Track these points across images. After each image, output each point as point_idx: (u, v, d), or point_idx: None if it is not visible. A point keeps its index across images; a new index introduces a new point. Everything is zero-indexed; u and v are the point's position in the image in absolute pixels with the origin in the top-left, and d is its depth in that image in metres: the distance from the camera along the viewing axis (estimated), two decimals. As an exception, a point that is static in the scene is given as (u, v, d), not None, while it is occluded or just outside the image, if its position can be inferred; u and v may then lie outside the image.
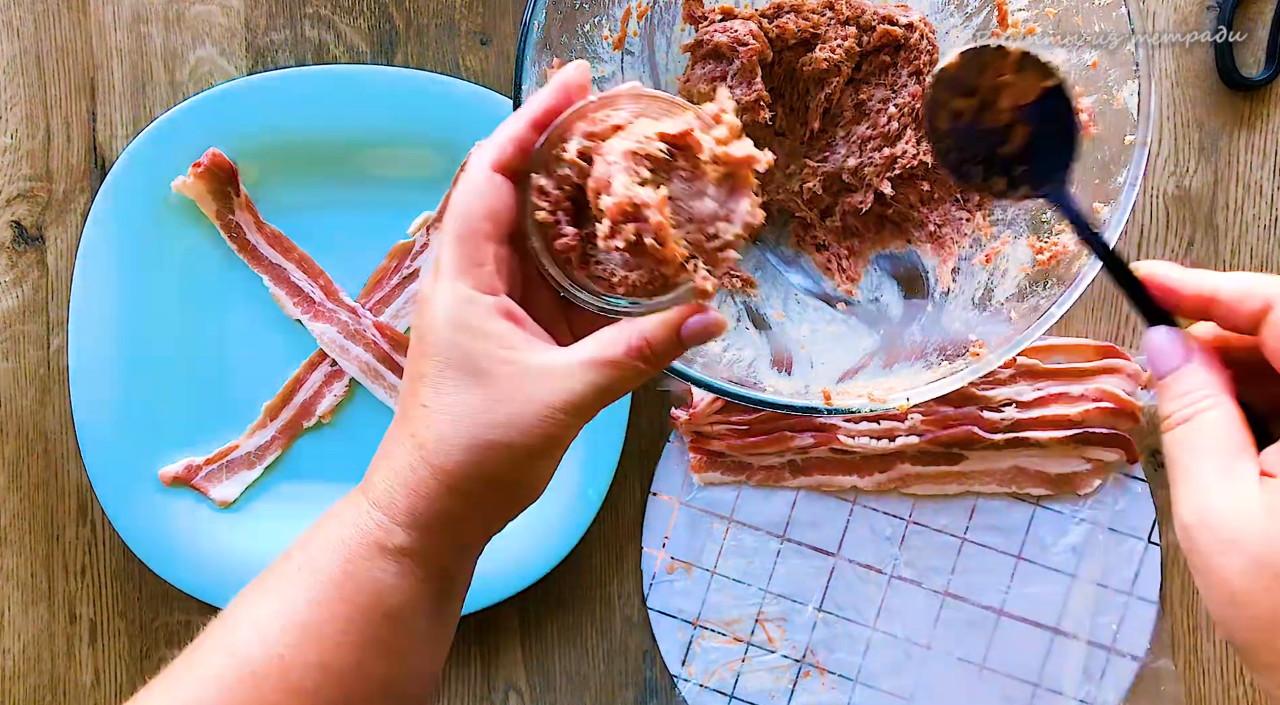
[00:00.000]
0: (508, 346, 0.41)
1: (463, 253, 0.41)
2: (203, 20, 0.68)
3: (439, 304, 0.41)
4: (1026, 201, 0.45)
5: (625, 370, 0.41)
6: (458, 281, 0.41)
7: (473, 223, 0.41)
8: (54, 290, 0.69)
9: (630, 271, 0.42)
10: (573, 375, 0.41)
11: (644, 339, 0.41)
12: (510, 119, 0.43)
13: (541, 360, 0.41)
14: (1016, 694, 0.67)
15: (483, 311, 0.41)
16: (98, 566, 0.69)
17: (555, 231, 0.43)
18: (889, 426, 0.67)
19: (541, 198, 0.43)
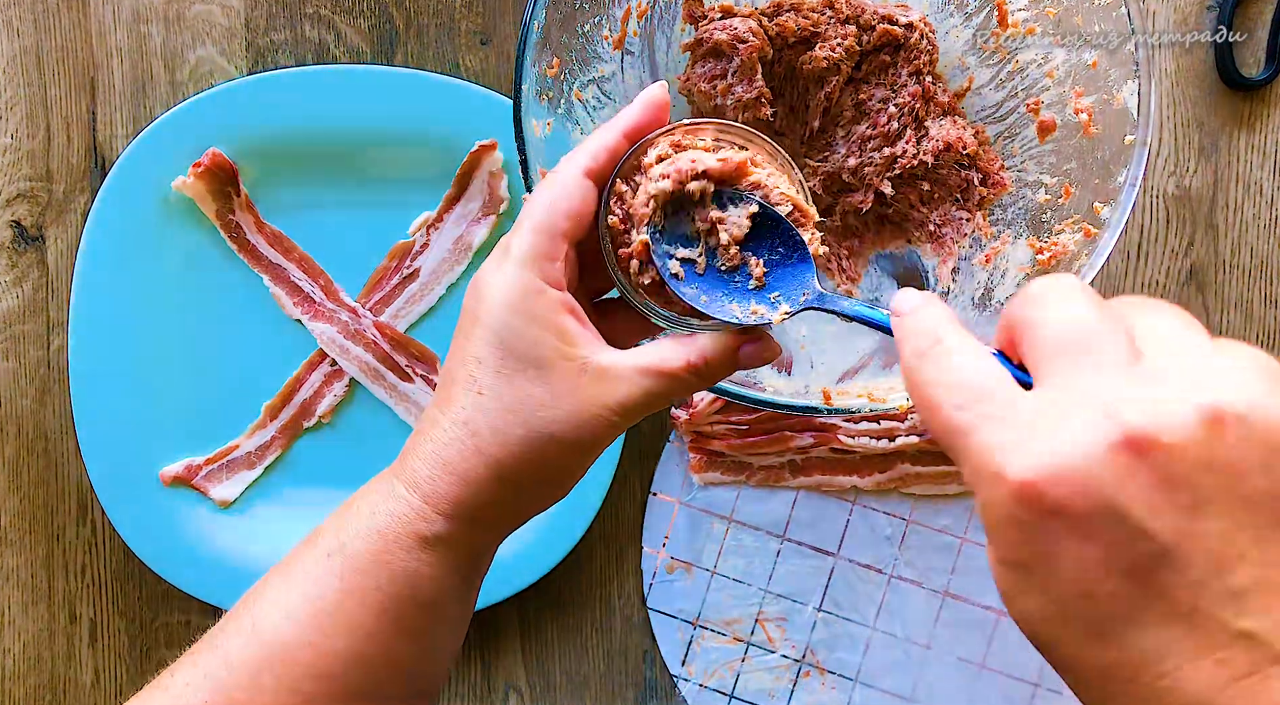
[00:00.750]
0: (572, 342, 0.41)
1: (538, 244, 0.41)
2: (203, 20, 0.68)
3: (506, 288, 0.41)
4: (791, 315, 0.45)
5: (679, 383, 0.42)
6: (529, 271, 0.41)
7: (554, 217, 0.42)
8: (54, 290, 0.69)
9: None
10: (631, 379, 0.41)
11: (703, 357, 0.42)
12: (603, 128, 0.44)
13: (603, 360, 0.41)
14: (1016, 694, 0.67)
15: (552, 304, 0.41)
16: (98, 566, 0.69)
17: (622, 240, 0.44)
18: (889, 426, 0.67)
19: (618, 204, 0.44)
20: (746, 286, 0.46)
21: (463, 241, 0.68)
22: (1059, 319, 0.32)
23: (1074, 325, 0.32)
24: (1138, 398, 0.30)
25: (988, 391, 0.33)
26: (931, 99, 0.61)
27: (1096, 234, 0.54)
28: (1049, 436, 0.30)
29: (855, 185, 0.62)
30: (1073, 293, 0.33)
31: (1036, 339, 0.33)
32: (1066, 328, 0.32)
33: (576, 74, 0.58)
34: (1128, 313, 0.33)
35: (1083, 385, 0.31)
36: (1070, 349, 0.32)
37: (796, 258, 0.46)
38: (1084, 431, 0.30)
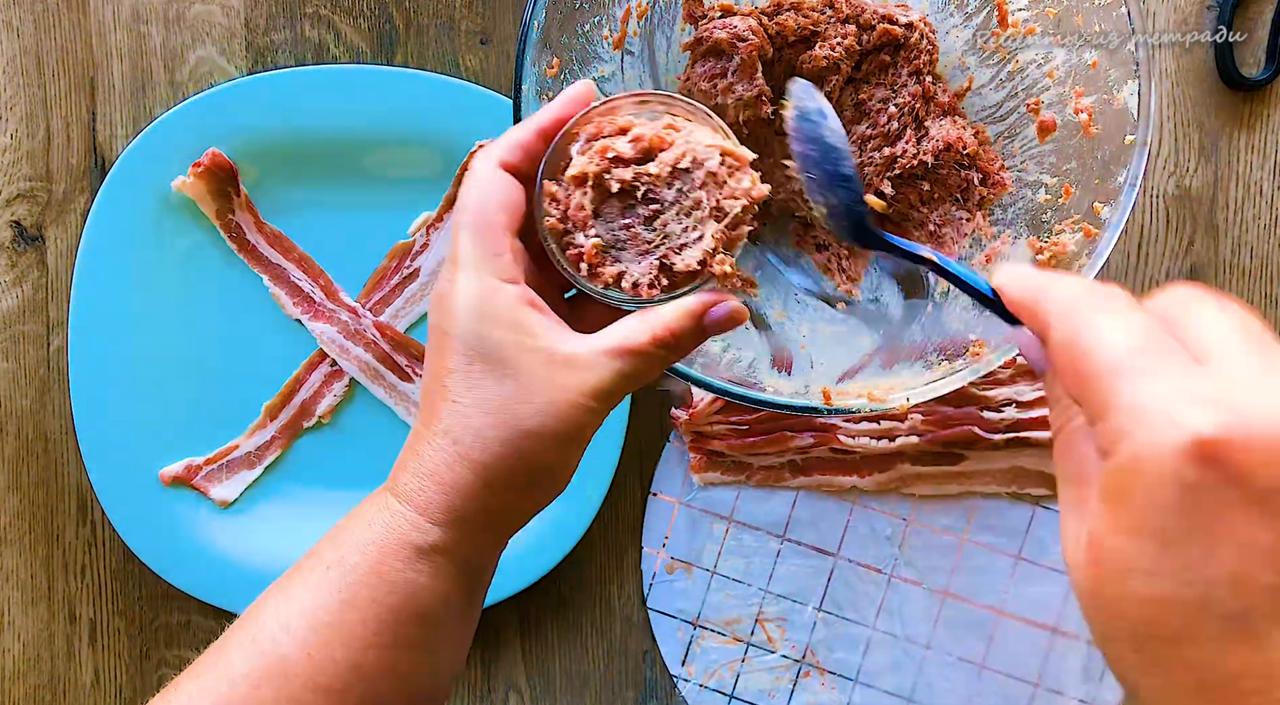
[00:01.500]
0: (533, 335, 0.41)
1: (481, 244, 0.42)
2: (202, 20, 0.68)
3: (462, 296, 0.41)
4: None
5: (648, 359, 0.42)
6: (480, 273, 0.41)
7: (488, 215, 0.42)
8: (54, 290, 0.69)
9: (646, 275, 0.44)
10: (599, 363, 0.41)
11: (666, 328, 0.42)
12: (515, 127, 0.44)
13: (568, 348, 0.41)
14: (1016, 694, 0.67)
15: (507, 300, 0.41)
16: (97, 566, 0.69)
17: (567, 240, 0.44)
18: (889, 426, 0.67)
19: (552, 204, 0.44)
20: None
21: (463, 241, 0.68)
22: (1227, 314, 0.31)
23: (1244, 321, 0.31)
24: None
25: (1165, 344, 0.30)
26: (931, 99, 0.61)
27: (1096, 234, 0.54)
28: (1250, 398, 0.27)
29: (855, 185, 0.62)
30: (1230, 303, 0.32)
31: (1202, 324, 0.30)
32: (1237, 321, 0.30)
33: (576, 74, 0.58)
34: None
35: (1273, 367, 0.29)
36: (1246, 338, 0.30)
37: None
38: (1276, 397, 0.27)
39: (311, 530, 0.65)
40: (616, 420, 0.66)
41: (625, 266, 0.44)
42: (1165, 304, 0.32)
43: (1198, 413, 0.27)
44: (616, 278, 0.44)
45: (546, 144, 0.44)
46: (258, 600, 0.45)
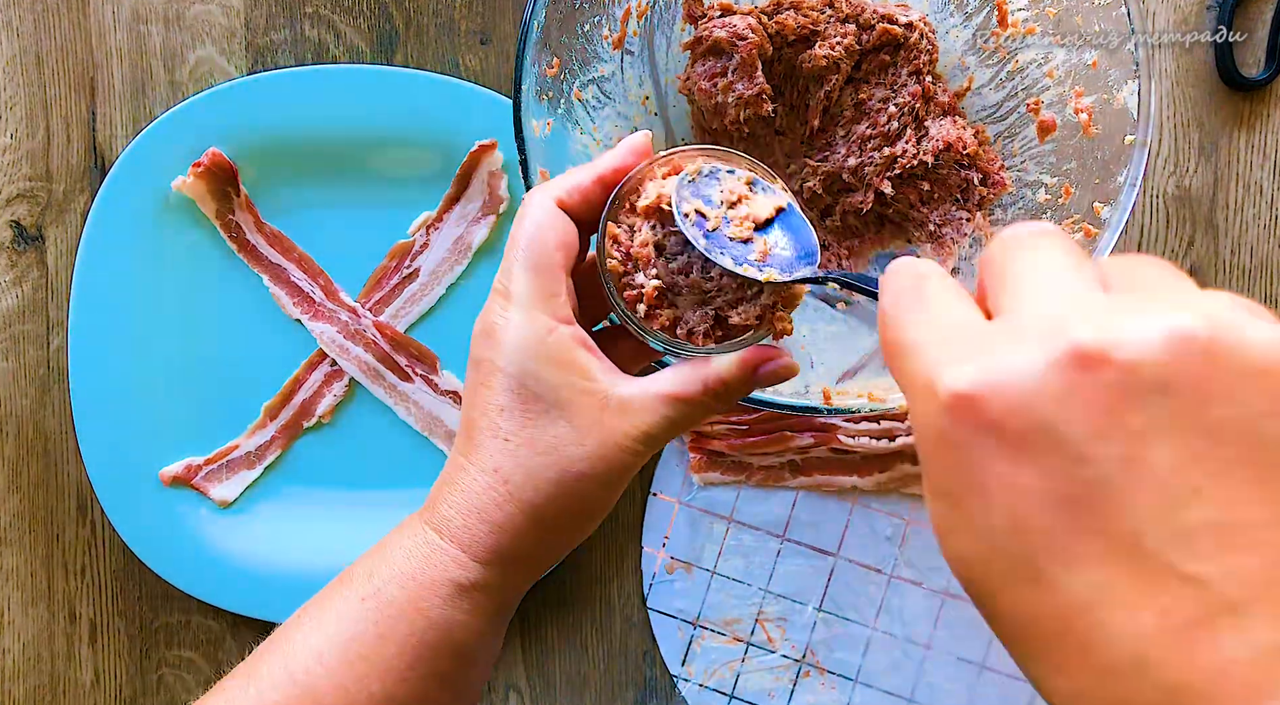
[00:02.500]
0: (588, 377, 0.42)
1: (538, 283, 0.42)
2: (202, 20, 0.68)
3: (518, 333, 0.41)
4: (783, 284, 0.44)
5: (698, 407, 0.42)
6: (537, 312, 0.41)
7: (548, 252, 0.42)
8: (54, 290, 0.69)
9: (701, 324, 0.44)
10: (651, 409, 0.42)
11: (720, 380, 0.42)
12: (575, 170, 0.44)
13: (624, 392, 0.42)
14: (1016, 694, 0.67)
15: (563, 341, 0.41)
16: (97, 566, 0.69)
17: (625, 282, 0.44)
18: (889, 426, 0.67)
19: (615, 247, 0.44)
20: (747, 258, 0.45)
21: (463, 241, 0.68)
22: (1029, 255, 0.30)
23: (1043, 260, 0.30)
24: (1094, 316, 0.27)
25: (950, 315, 0.31)
26: (931, 99, 0.61)
27: (1096, 234, 0.54)
28: (990, 351, 0.28)
29: (855, 185, 0.62)
30: (1049, 234, 0.31)
31: (1000, 275, 0.31)
32: (1034, 263, 0.30)
33: (576, 74, 0.58)
34: (1107, 262, 0.31)
35: (1037, 309, 0.29)
36: (1033, 281, 0.29)
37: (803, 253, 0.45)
38: (1028, 346, 0.27)
39: (311, 530, 0.66)
40: (616, 420, 0.66)
41: (681, 312, 0.44)
42: (990, 249, 0.32)
43: (952, 372, 0.28)
44: (671, 323, 0.44)
45: (604, 191, 0.44)
46: (288, 624, 0.44)
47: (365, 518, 0.67)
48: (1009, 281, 0.30)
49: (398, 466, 0.68)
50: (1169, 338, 0.26)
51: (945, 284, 0.32)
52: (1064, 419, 0.26)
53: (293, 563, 0.66)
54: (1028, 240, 0.31)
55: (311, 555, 0.67)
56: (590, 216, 0.44)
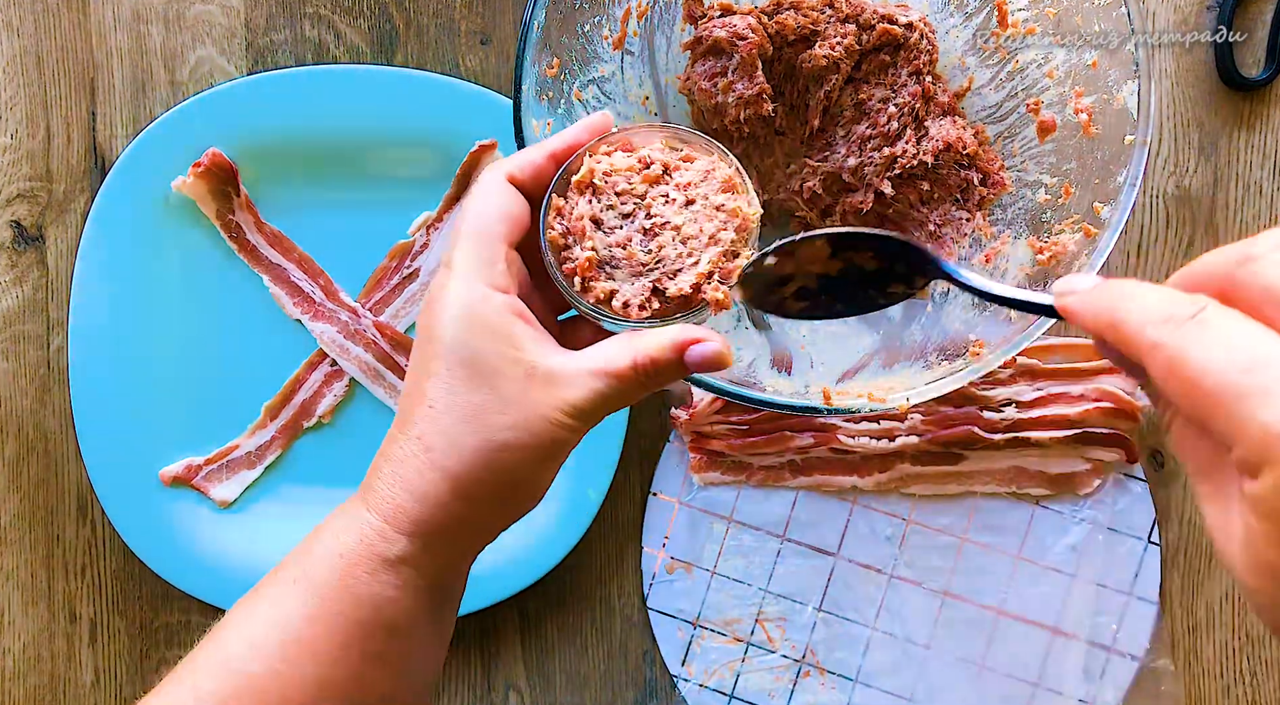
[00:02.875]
0: (517, 346, 0.41)
1: (477, 251, 0.41)
2: (203, 20, 0.68)
3: (452, 301, 0.41)
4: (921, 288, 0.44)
5: (628, 383, 0.41)
6: (472, 279, 0.41)
7: (488, 223, 0.42)
8: (54, 290, 0.69)
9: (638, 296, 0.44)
10: (579, 381, 0.41)
11: (648, 356, 0.41)
12: (529, 148, 0.44)
13: (550, 363, 0.41)
14: (1016, 694, 0.67)
15: (495, 309, 0.41)
16: (98, 566, 0.69)
17: (565, 254, 0.44)
18: (889, 426, 0.67)
19: (556, 218, 0.44)
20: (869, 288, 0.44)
21: (463, 241, 0.68)
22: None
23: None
24: None
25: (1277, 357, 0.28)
26: (931, 99, 0.61)
27: (1096, 234, 0.54)
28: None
29: (855, 185, 0.62)
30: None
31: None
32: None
33: (576, 74, 0.58)
34: None
35: None
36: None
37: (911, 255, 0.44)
38: None
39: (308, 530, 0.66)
40: (616, 420, 0.66)
41: (618, 286, 0.44)
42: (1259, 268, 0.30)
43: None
44: (608, 296, 0.44)
45: (556, 166, 0.44)
46: (224, 617, 0.44)
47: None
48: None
49: (398, 466, 0.68)
50: None
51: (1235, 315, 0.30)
52: None
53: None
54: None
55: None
56: (543, 192, 0.44)
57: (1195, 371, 0.29)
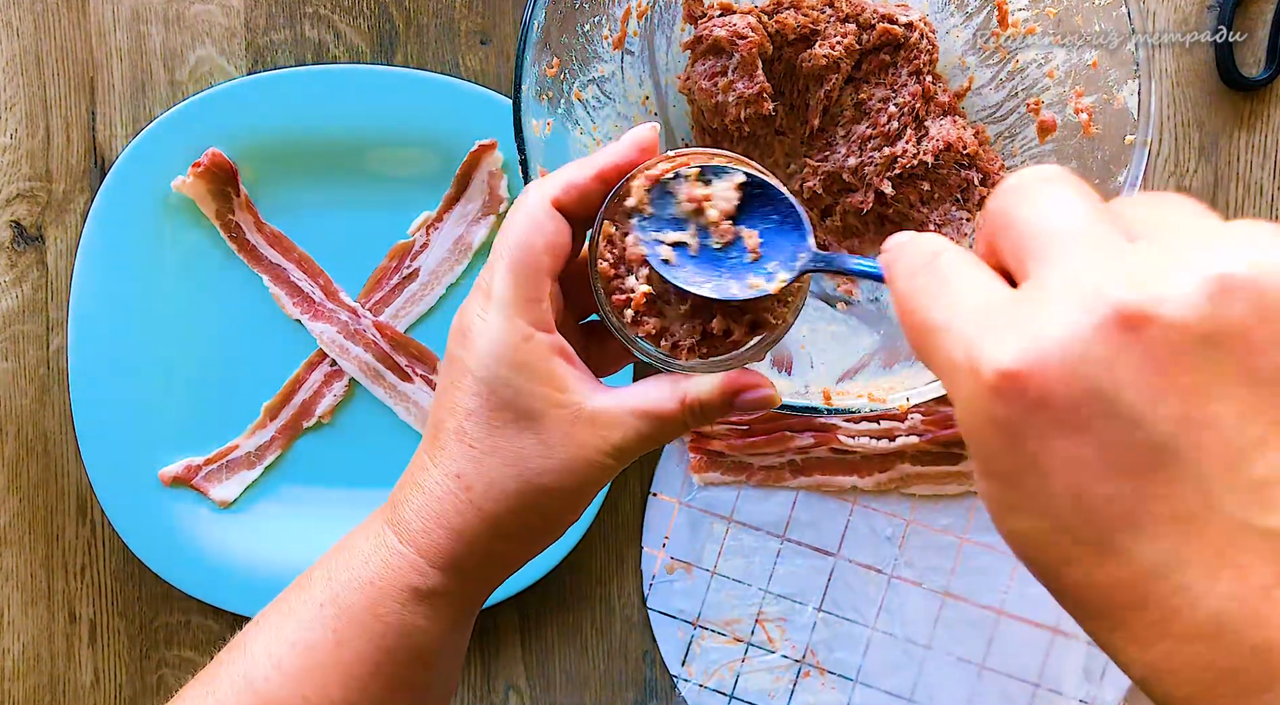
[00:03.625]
0: (563, 389, 0.40)
1: (521, 286, 0.40)
2: (202, 20, 0.68)
3: (494, 337, 0.40)
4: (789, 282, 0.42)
5: (672, 425, 0.41)
6: (515, 317, 0.40)
7: (534, 255, 0.40)
8: (54, 290, 0.69)
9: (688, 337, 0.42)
10: (623, 423, 0.41)
11: (698, 400, 0.41)
12: (573, 165, 0.42)
13: (595, 405, 0.41)
14: (1016, 694, 0.67)
15: (541, 351, 0.40)
16: (97, 566, 0.69)
17: (615, 284, 0.42)
18: (889, 426, 0.67)
19: (609, 248, 0.42)
20: (743, 261, 0.43)
21: (463, 241, 0.68)
22: (1042, 208, 0.29)
23: (1059, 212, 0.28)
24: (1129, 273, 0.26)
25: (972, 290, 0.29)
26: (931, 99, 0.61)
27: (1096, 234, 0.54)
28: (1027, 323, 0.27)
29: (855, 185, 0.62)
30: (1057, 180, 0.29)
31: (1016, 233, 0.29)
32: (1051, 216, 0.28)
33: (576, 74, 0.58)
34: (1126, 203, 0.29)
35: (1068, 271, 0.27)
36: (1056, 238, 0.28)
37: (790, 224, 0.43)
38: (1068, 314, 0.26)
39: (311, 530, 0.66)
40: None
41: (669, 322, 0.42)
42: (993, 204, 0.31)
43: (992, 350, 0.27)
44: (658, 333, 0.42)
45: (603, 188, 0.41)
46: (246, 630, 0.44)
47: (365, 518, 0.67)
48: (1027, 240, 0.28)
49: (398, 466, 0.68)
50: (1212, 289, 0.25)
51: (961, 256, 0.31)
52: (1115, 385, 0.25)
53: (293, 563, 0.66)
54: (1037, 189, 0.29)
55: (311, 555, 0.66)
56: (587, 214, 0.42)
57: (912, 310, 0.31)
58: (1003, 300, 0.28)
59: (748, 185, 0.43)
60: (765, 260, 0.43)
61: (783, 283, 0.42)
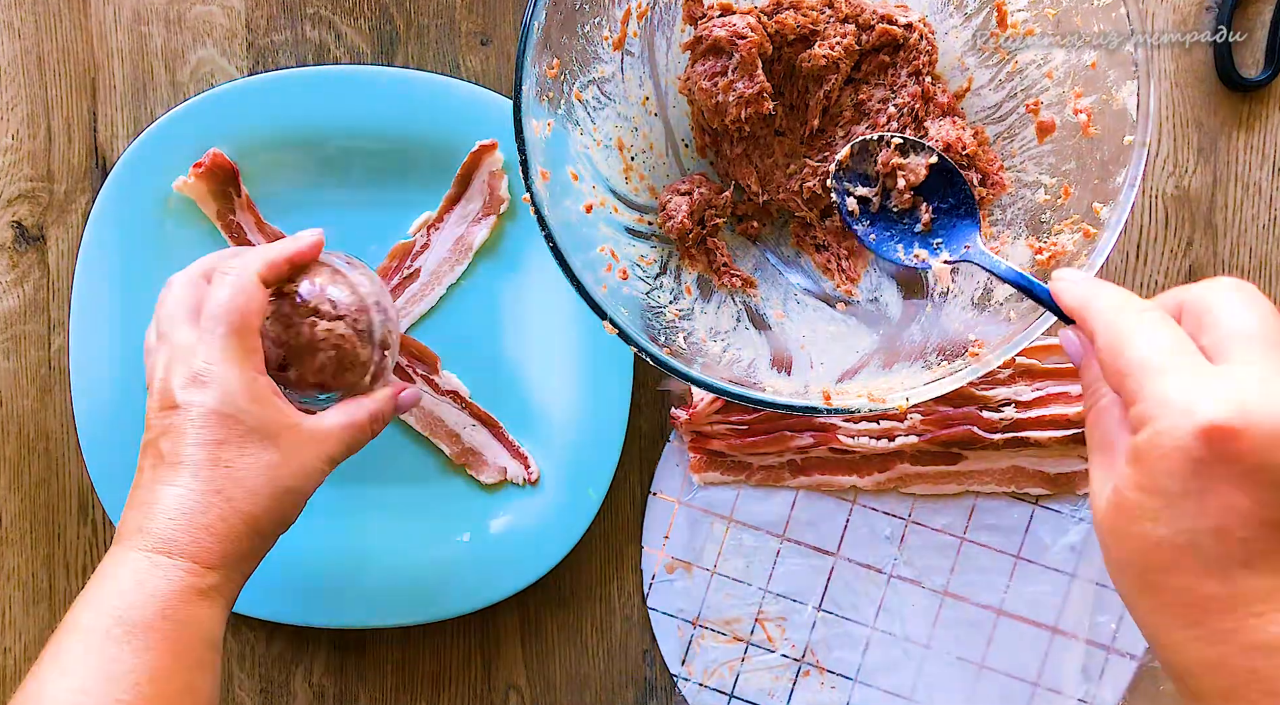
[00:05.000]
0: (285, 415, 0.53)
1: (242, 342, 0.52)
2: (203, 21, 0.68)
3: (231, 379, 0.51)
4: (950, 264, 0.55)
5: (365, 431, 0.57)
6: (243, 365, 0.52)
7: (249, 318, 0.52)
8: (55, 290, 0.69)
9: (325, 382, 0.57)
10: (336, 436, 0.55)
11: (376, 410, 0.57)
12: (274, 250, 0.55)
13: (312, 424, 0.54)
14: (1016, 693, 0.67)
15: (264, 387, 0.53)
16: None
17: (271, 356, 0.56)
18: (888, 426, 0.67)
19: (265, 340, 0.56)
20: (914, 229, 0.55)
21: (463, 242, 0.68)
22: (1249, 313, 0.39)
23: (1263, 322, 0.39)
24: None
25: (1186, 349, 0.39)
26: (931, 99, 0.61)
27: (1096, 234, 0.54)
28: (1250, 397, 0.36)
29: (855, 185, 0.62)
30: (1257, 296, 0.40)
31: (1225, 324, 0.39)
32: (1256, 322, 0.39)
33: (577, 74, 0.58)
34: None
35: (1263, 368, 0.37)
36: (1261, 342, 0.38)
37: (963, 211, 0.54)
38: (1273, 401, 0.36)
39: (311, 530, 0.66)
40: (616, 421, 0.66)
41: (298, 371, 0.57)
42: (1201, 295, 0.41)
43: (1210, 405, 0.36)
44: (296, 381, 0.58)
45: (290, 269, 0.56)
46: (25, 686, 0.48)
47: (365, 518, 0.68)
48: (1230, 332, 0.39)
49: (398, 466, 0.68)
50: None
51: (1168, 319, 0.41)
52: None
53: (293, 562, 0.66)
54: (1240, 297, 0.40)
55: (311, 555, 0.67)
56: (276, 283, 0.56)
57: (1126, 345, 0.40)
58: (1213, 370, 0.38)
59: (937, 166, 0.55)
60: (933, 235, 0.55)
61: (944, 263, 0.55)
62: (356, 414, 0.56)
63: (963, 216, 0.54)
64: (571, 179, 0.58)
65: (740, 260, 0.65)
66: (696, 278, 0.64)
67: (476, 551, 0.67)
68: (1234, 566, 0.36)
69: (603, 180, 0.61)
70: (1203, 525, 0.36)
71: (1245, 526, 0.36)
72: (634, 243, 0.62)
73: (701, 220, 0.63)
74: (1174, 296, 0.42)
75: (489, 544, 0.67)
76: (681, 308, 0.61)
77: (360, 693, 0.69)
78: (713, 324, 0.62)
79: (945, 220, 0.55)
